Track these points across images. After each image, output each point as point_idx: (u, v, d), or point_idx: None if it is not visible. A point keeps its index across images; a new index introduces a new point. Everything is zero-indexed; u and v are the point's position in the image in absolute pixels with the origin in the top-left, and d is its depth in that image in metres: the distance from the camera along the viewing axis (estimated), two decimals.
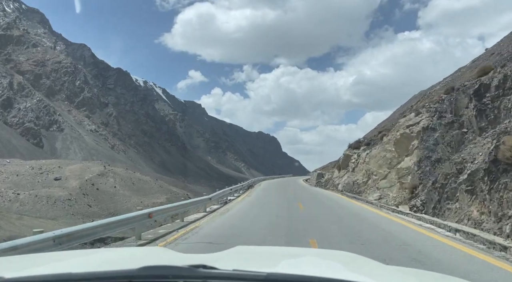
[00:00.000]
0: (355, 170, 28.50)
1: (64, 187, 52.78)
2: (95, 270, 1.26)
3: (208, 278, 1.14)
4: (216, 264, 1.24)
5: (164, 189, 66.18)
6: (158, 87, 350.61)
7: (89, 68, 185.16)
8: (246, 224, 12.01)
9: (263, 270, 1.17)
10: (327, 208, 17.60)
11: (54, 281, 1.20)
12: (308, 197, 24.92)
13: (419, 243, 8.55)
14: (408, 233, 10.13)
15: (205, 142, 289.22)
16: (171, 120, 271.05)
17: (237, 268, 1.23)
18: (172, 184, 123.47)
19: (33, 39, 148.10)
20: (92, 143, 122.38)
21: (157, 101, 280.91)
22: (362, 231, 10.45)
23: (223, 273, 1.18)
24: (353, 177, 27.54)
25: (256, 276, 1.14)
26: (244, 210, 16.16)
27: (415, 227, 11.07)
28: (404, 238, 9.29)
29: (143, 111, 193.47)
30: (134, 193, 59.64)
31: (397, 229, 10.79)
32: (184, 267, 1.21)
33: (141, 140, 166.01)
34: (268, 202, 20.91)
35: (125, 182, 60.16)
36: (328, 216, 14.38)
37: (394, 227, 11.32)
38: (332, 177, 36.48)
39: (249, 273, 1.18)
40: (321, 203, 20.71)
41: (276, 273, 1.19)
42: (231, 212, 15.21)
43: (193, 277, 1.14)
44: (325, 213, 15.33)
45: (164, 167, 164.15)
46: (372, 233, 10.17)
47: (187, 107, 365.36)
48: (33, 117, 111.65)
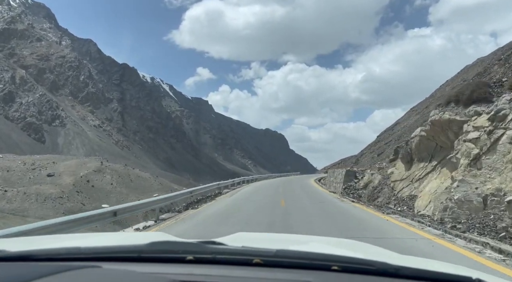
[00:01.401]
0: (483, 163, 10.18)
1: (56, 184, 49.92)
2: (105, 245, 1.26)
3: (217, 254, 1.13)
4: (223, 242, 1.24)
5: (165, 187, 63.26)
6: (165, 83, 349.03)
7: (95, 63, 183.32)
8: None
9: (273, 247, 1.16)
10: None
11: (62, 254, 1.19)
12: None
13: None
14: None
15: (212, 138, 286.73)
16: (177, 117, 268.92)
17: (246, 245, 1.23)
18: (177, 181, 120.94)
19: (37, 33, 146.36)
20: (95, 138, 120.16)
21: (164, 98, 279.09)
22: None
23: (232, 249, 1.18)
24: (478, 183, 9.96)
25: (265, 252, 1.14)
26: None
27: None
28: None
29: (149, 107, 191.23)
30: (132, 190, 56.87)
31: None
32: (193, 242, 1.21)
33: (146, 136, 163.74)
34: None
35: (122, 179, 57.32)
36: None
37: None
38: (392, 180, 16.79)
39: (258, 249, 1.19)
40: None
41: (285, 249, 1.19)
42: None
43: (203, 252, 1.14)
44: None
45: (169, 163, 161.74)
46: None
47: (194, 104, 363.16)
48: (35, 112, 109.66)
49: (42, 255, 1.19)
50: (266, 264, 1.11)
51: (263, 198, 18.25)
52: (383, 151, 27.47)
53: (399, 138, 25.53)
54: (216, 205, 15.32)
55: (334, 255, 1.20)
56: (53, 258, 1.17)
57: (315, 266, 1.10)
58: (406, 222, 10.42)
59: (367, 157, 33.74)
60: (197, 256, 1.12)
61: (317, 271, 1.08)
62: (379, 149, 30.32)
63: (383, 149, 28.35)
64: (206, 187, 18.85)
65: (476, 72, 21.43)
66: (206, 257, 1.13)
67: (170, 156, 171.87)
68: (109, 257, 1.16)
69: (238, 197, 19.12)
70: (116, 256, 1.16)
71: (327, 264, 1.10)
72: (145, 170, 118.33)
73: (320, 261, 1.13)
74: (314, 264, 1.11)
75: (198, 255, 1.13)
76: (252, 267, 1.10)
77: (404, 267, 1.07)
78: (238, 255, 1.15)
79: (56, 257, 1.17)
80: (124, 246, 1.22)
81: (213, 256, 1.12)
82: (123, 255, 1.17)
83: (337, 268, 1.08)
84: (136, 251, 1.16)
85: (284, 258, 1.12)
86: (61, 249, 1.23)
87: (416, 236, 8.28)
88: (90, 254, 1.18)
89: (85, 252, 1.18)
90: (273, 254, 1.12)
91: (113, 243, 1.44)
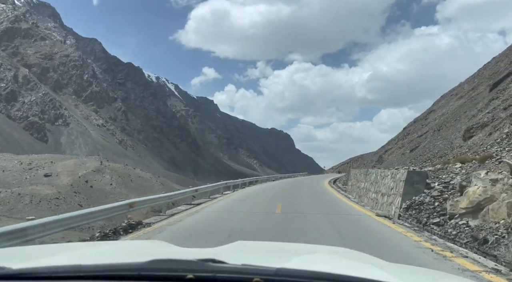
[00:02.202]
0: None
1: (53, 184, 48.32)
2: (104, 263, 1.25)
3: (217, 272, 1.12)
4: (223, 259, 1.23)
5: (166, 187, 61.57)
6: (171, 83, 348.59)
7: (99, 62, 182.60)
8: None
9: (272, 265, 1.15)
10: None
11: (63, 272, 1.18)
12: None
13: None
14: None
15: (217, 138, 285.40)
16: (182, 116, 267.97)
17: (246, 262, 1.21)
18: (180, 181, 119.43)
19: (41, 32, 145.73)
20: (98, 138, 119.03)
21: (169, 97, 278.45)
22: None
23: (232, 267, 1.17)
24: None
25: (266, 271, 1.12)
26: None
27: None
28: None
29: (154, 106, 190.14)
30: (132, 191, 55.24)
31: None
32: (194, 260, 1.20)
33: (151, 136, 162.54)
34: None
35: (122, 179, 55.75)
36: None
37: None
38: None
39: (259, 268, 1.17)
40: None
41: (286, 268, 1.17)
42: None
43: (203, 271, 1.13)
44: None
45: (174, 163, 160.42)
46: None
47: (199, 103, 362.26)
48: (38, 111, 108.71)
49: (43, 273, 1.18)
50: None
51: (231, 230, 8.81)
52: (417, 145, 20.74)
53: (440, 128, 19.41)
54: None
55: (333, 274, 1.18)
56: (54, 276, 1.17)
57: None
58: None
59: (395, 154, 26.70)
60: (197, 275, 1.12)
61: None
62: (412, 143, 23.40)
63: (417, 142, 21.80)
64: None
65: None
66: (206, 276, 1.12)
67: (174, 156, 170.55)
68: (110, 275, 1.16)
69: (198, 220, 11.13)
70: (117, 275, 1.16)
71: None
72: (149, 169, 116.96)
73: (321, 280, 1.12)
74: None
75: (198, 274, 1.12)
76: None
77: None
78: (238, 273, 1.14)
79: (57, 276, 1.17)
80: (125, 264, 1.22)
81: (213, 275, 1.11)
82: (124, 273, 1.16)
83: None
84: (137, 269, 1.16)
85: (284, 276, 1.11)
86: (62, 267, 1.22)
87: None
88: (91, 272, 1.17)
89: (86, 270, 1.18)
90: (273, 273, 1.11)
91: (114, 258, 1.41)
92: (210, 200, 17.40)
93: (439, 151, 16.14)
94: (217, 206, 14.98)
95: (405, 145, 25.11)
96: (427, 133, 20.88)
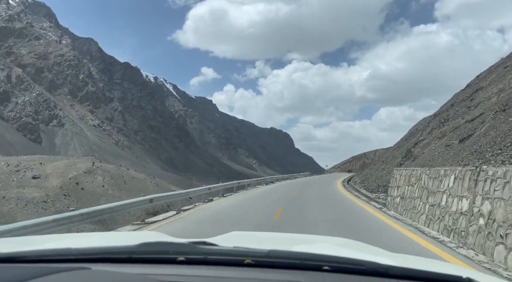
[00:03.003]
0: None
1: (41, 187, 46.00)
2: (95, 246, 1.24)
3: (208, 254, 1.12)
4: (215, 243, 1.23)
5: (161, 188, 59.39)
6: (169, 83, 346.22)
7: (96, 62, 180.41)
8: None
9: (264, 248, 1.15)
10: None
11: (52, 255, 1.17)
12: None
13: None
14: None
15: (216, 138, 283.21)
16: (181, 116, 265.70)
17: (238, 245, 1.22)
18: (178, 181, 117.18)
19: (36, 32, 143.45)
20: (94, 138, 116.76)
21: (167, 97, 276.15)
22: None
23: (223, 249, 1.17)
24: None
25: (257, 253, 1.13)
26: None
27: None
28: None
29: (151, 106, 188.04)
30: (125, 193, 53.05)
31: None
32: (184, 243, 1.20)
33: (148, 136, 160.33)
34: None
35: (115, 181, 53.57)
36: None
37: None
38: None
39: (250, 249, 1.18)
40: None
41: (277, 250, 1.16)
42: None
43: (194, 253, 1.13)
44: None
45: (171, 163, 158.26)
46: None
47: (198, 103, 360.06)
48: (32, 112, 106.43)
49: (31, 256, 1.16)
50: (258, 265, 1.09)
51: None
52: (470, 132, 14.14)
53: (506, 107, 11.47)
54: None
55: (325, 255, 1.18)
56: (43, 259, 1.15)
57: (306, 266, 1.09)
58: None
59: (433, 146, 19.15)
60: (188, 257, 1.11)
61: (308, 271, 1.07)
62: (458, 130, 16.58)
63: (468, 129, 15.05)
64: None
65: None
66: (197, 258, 1.12)
67: (172, 156, 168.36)
68: (99, 258, 1.14)
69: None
70: (106, 257, 1.15)
71: (318, 264, 1.09)
72: (146, 170, 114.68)
73: (311, 261, 1.12)
74: (305, 264, 1.10)
75: (189, 256, 1.11)
76: (243, 268, 1.09)
77: (393, 266, 1.07)
78: (230, 255, 1.14)
79: (46, 258, 1.15)
80: (115, 247, 1.21)
81: (204, 257, 1.11)
82: (114, 256, 1.15)
83: (328, 268, 1.07)
84: (127, 252, 1.15)
85: (276, 258, 1.11)
86: (51, 250, 1.21)
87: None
88: (80, 255, 1.16)
89: (75, 253, 1.16)
90: (265, 255, 1.11)
91: (104, 244, 1.41)
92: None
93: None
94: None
95: (446, 133, 18.59)
96: (482, 117, 14.18)
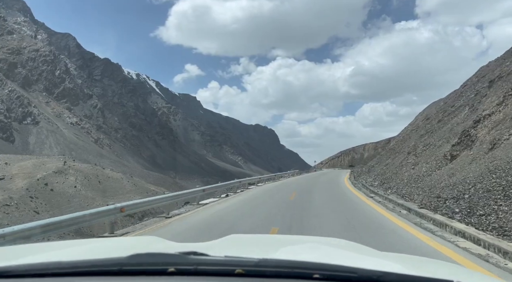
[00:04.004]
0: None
1: (5, 189, 42.38)
2: (85, 258, 1.22)
3: (199, 265, 1.11)
4: (208, 252, 1.22)
5: (139, 188, 56.29)
6: (152, 80, 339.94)
7: (74, 58, 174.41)
8: None
9: (256, 256, 1.15)
10: None
11: (41, 269, 1.14)
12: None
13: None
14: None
15: (200, 135, 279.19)
16: (164, 114, 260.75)
17: (229, 254, 1.21)
18: (160, 180, 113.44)
19: (9, 26, 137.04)
20: (71, 136, 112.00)
21: (150, 94, 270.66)
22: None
23: (214, 259, 1.17)
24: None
25: (247, 262, 1.12)
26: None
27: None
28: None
29: (133, 103, 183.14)
30: (99, 193, 49.79)
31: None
32: (175, 254, 1.19)
33: (129, 133, 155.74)
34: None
35: (89, 181, 50.18)
36: None
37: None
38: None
39: (240, 259, 1.17)
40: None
41: (268, 258, 1.16)
42: None
43: (184, 264, 1.12)
44: None
45: (154, 162, 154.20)
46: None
47: (181, 100, 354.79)
48: (3, 109, 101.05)
49: (21, 271, 1.14)
50: (248, 274, 1.09)
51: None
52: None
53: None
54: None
55: (316, 263, 1.17)
56: (30, 274, 1.12)
57: (297, 275, 1.09)
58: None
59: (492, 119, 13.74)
60: (178, 268, 1.10)
61: (298, 280, 1.07)
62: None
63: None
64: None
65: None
66: (188, 269, 1.11)
67: (155, 154, 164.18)
68: (90, 271, 1.12)
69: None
70: (97, 270, 1.13)
71: (308, 273, 1.09)
72: (127, 169, 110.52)
73: (302, 269, 1.11)
74: (295, 273, 1.09)
75: (179, 267, 1.11)
76: (234, 278, 1.08)
77: (387, 272, 1.07)
78: (220, 265, 1.13)
79: (33, 273, 1.12)
80: (105, 260, 1.19)
81: (195, 268, 1.10)
82: (104, 269, 1.13)
83: (318, 276, 1.07)
84: (117, 264, 1.13)
85: (266, 267, 1.10)
86: (40, 264, 1.18)
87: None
88: (70, 269, 1.14)
89: (65, 266, 1.14)
90: (255, 264, 1.10)
91: (96, 255, 1.39)
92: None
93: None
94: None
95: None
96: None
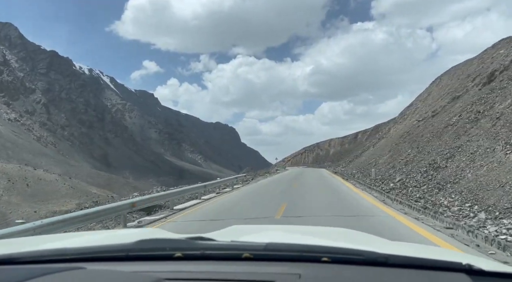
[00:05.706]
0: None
1: None
2: (91, 245, 1.23)
3: (206, 250, 1.11)
4: (213, 237, 1.22)
5: (78, 191, 49.89)
6: (106, 75, 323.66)
7: (16, 50, 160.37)
8: None
9: (262, 241, 1.14)
10: None
11: (46, 256, 1.15)
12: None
13: None
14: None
15: (157, 133, 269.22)
16: (119, 111, 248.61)
17: (235, 239, 1.21)
18: (111, 180, 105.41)
19: None
20: (9, 134, 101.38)
21: (104, 90, 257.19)
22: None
23: (221, 244, 1.17)
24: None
25: (255, 246, 1.12)
26: None
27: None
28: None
29: (82, 99, 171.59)
30: (26, 198, 43.11)
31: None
32: (181, 239, 1.20)
33: (78, 131, 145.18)
34: None
35: (14, 184, 43.36)
36: None
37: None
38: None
39: (248, 243, 1.17)
40: None
41: (275, 242, 1.15)
42: None
43: (191, 249, 1.13)
44: None
45: (106, 161, 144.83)
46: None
47: (138, 97, 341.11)
48: None
49: (27, 257, 1.14)
50: (256, 258, 1.08)
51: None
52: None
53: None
54: None
55: (323, 246, 1.17)
56: (39, 260, 1.13)
57: (305, 258, 1.09)
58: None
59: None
60: (185, 253, 1.11)
61: (307, 263, 1.07)
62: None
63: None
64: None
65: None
66: (194, 254, 1.11)
67: (107, 153, 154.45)
68: (96, 257, 1.13)
69: None
70: (103, 256, 1.13)
71: (316, 256, 1.08)
72: (72, 169, 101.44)
73: (310, 253, 1.11)
74: (304, 256, 1.09)
75: (186, 252, 1.11)
76: (241, 262, 1.08)
77: (393, 255, 1.07)
78: (227, 250, 1.13)
79: (41, 259, 1.13)
80: (111, 245, 1.19)
81: (202, 252, 1.10)
82: (110, 254, 1.14)
83: (326, 259, 1.07)
84: (124, 250, 1.14)
85: (274, 251, 1.10)
86: (47, 251, 1.19)
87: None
88: (76, 254, 1.14)
89: (71, 253, 1.15)
90: (263, 248, 1.09)
91: (100, 242, 1.39)
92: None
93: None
94: None
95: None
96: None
